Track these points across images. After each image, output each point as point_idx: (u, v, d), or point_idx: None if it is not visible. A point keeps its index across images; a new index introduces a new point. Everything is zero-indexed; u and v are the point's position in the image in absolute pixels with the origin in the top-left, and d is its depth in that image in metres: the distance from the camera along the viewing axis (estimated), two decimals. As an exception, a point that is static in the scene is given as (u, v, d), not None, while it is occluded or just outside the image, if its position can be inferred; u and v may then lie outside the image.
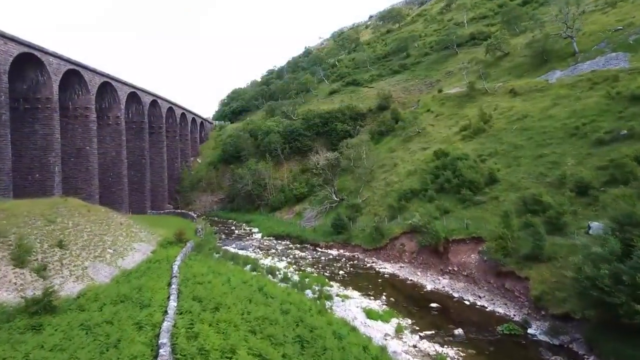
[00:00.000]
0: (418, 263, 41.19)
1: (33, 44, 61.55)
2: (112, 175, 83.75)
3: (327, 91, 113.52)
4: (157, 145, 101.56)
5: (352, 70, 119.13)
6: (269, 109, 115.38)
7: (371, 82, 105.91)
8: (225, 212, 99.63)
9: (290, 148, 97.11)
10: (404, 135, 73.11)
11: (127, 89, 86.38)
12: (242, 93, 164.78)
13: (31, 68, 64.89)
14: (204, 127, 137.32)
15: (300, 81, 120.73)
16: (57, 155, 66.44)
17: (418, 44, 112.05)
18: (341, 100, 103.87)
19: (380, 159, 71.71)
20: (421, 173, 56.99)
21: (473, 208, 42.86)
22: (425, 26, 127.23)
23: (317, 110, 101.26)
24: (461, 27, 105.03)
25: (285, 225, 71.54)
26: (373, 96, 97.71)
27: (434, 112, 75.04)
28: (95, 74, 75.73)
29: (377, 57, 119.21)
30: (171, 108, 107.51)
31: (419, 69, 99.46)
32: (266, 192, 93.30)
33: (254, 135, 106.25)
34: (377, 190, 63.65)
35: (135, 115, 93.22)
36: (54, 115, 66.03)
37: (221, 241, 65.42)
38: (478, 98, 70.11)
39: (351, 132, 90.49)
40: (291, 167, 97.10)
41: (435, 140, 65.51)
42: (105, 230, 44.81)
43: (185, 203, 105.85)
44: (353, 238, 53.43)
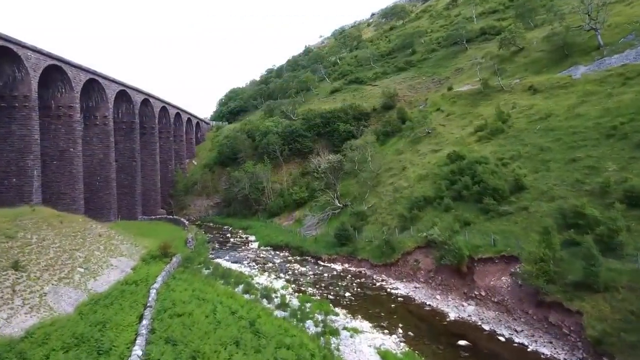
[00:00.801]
0: (436, 284, 35.72)
1: (8, 37, 56.16)
2: (99, 179, 78.35)
3: (329, 90, 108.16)
4: (149, 146, 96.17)
5: (354, 68, 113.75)
6: (268, 109, 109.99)
7: (375, 80, 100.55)
8: (221, 217, 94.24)
9: (290, 150, 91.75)
10: (412, 136, 67.68)
11: (116, 87, 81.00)
12: (240, 92, 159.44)
13: (7, 63, 59.52)
14: (200, 128, 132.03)
15: (301, 80, 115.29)
16: (36, 158, 61.05)
17: (424, 40, 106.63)
18: (343, 99, 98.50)
19: (387, 161, 66.30)
20: (434, 178, 51.56)
21: (498, 220, 37.39)
22: (431, 22, 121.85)
23: (318, 109, 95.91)
24: (470, 22, 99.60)
25: (284, 234, 66.10)
26: (377, 95, 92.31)
27: (444, 112, 69.62)
28: (80, 70, 70.35)
29: (380, 54, 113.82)
30: (165, 107, 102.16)
31: (426, 66, 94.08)
32: (264, 196, 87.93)
33: (252, 136, 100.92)
34: (384, 196, 58.21)
35: (125, 115, 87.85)
36: (32, 114, 60.67)
37: (214, 251, 60.09)
38: (493, 96, 64.71)
39: (354, 132, 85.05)
40: (291, 169, 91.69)
41: (447, 142, 60.09)
42: (78, 245, 39.38)
43: (179, 207, 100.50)
44: (359, 251, 47.97)
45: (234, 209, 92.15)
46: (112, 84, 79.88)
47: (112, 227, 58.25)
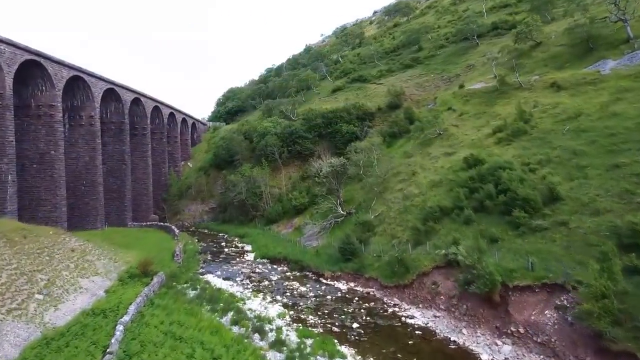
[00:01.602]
0: (461, 313, 30.27)
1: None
2: (85, 183, 73.05)
3: (330, 89, 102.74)
4: (140, 148, 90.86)
5: (357, 65, 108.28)
6: (266, 109, 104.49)
7: (380, 78, 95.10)
8: (217, 223, 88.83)
9: (289, 152, 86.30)
10: (422, 137, 62.30)
11: (104, 85, 75.64)
12: (239, 92, 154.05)
13: (-22, 58, 54.19)
14: (196, 129, 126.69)
15: (301, 78, 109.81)
16: (11, 161, 55.72)
17: (431, 36, 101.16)
18: (346, 98, 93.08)
19: (395, 165, 60.84)
20: (449, 185, 46.12)
21: (532, 237, 31.93)
22: (437, 18, 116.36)
23: (319, 109, 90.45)
24: (480, 17, 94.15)
25: (283, 244, 60.67)
26: (382, 93, 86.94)
27: (456, 111, 64.17)
28: (62, 66, 65.01)
29: (385, 51, 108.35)
30: (157, 107, 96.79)
31: (434, 63, 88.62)
32: (262, 201, 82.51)
33: (249, 138, 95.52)
34: (392, 204, 52.78)
35: (114, 115, 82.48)
36: (6, 114, 55.36)
37: (205, 265, 54.66)
38: (511, 94, 59.33)
39: (358, 133, 79.62)
40: (290, 173, 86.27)
41: (462, 144, 54.65)
42: (42, 264, 33.93)
43: (172, 212, 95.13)
44: (366, 268, 42.47)
45: (230, 215, 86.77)
46: (99, 82, 74.50)
47: (92, 238, 52.89)
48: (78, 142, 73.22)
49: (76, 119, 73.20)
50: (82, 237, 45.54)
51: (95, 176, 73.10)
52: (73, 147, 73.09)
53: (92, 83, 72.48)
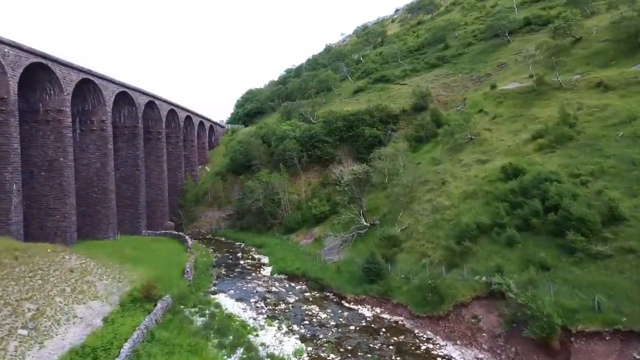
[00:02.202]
0: (509, 357, 25.77)
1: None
2: (96, 190, 70.20)
3: (352, 90, 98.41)
4: (155, 152, 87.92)
5: (380, 65, 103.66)
6: (285, 111, 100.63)
7: (403, 78, 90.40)
8: (234, 231, 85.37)
9: (309, 156, 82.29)
10: (452, 142, 57.68)
11: (115, 88, 72.70)
12: (257, 93, 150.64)
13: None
14: (213, 132, 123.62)
15: (321, 79, 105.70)
16: (16, 170, 52.91)
17: (458, 33, 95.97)
18: (368, 99, 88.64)
19: (422, 173, 56.27)
20: (486, 197, 41.48)
21: (592, 265, 27.25)
22: (463, 14, 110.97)
23: (340, 111, 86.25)
24: (511, 12, 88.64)
25: (302, 257, 56.71)
26: (407, 94, 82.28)
27: (488, 114, 59.29)
28: (71, 69, 62.13)
29: (408, 50, 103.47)
30: (173, 110, 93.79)
31: (461, 62, 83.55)
32: (280, 209, 78.77)
33: (267, 141, 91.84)
34: (420, 216, 48.33)
35: (127, 119, 79.62)
36: (10, 119, 52.55)
37: (218, 280, 51.04)
38: (550, 94, 54.33)
39: (382, 137, 75.20)
40: (310, 179, 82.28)
41: (497, 151, 49.87)
42: (32, 290, 30.47)
43: (189, 219, 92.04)
44: (394, 291, 38.10)
45: (247, 222, 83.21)
46: (111, 85, 71.58)
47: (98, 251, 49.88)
48: (89, 148, 70.44)
49: (87, 124, 70.42)
50: (85, 253, 42.16)
51: (107, 183, 70.15)
52: (84, 153, 70.38)
53: (103, 86, 69.58)
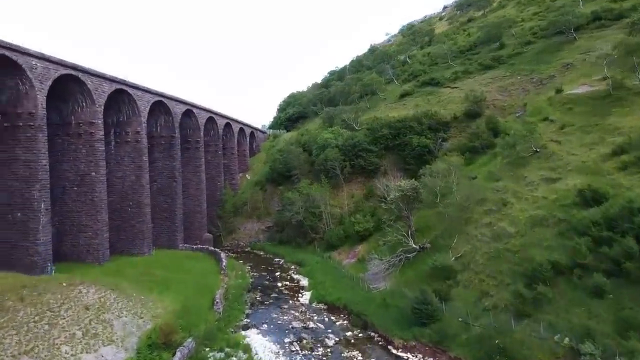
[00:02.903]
0: None
1: (3, 42, 45.72)
2: (131, 204, 67.64)
3: (398, 93, 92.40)
4: (193, 162, 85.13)
5: (428, 67, 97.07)
6: (327, 117, 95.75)
7: (454, 81, 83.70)
8: (273, 244, 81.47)
9: (352, 166, 77.18)
10: (513, 155, 51.01)
11: (150, 98, 70.05)
12: (300, 97, 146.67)
13: (8, 74, 49.32)
14: (254, 138, 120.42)
15: (365, 82, 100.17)
16: (44, 188, 50.56)
17: (515, 31, 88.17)
18: (416, 104, 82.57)
19: (478, 189, 49.99)
20: (559, 227, 35.19)
21: None
22: (519, 10, 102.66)
23: (385, 118, 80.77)
24: (576, 6, 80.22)
25: (343, 284, 51.69)
26: (458, 99, 75.73)
27: (555, 122, 52.40)
28: (102, 80, 59.65)
29: (459, 49, 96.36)
30: (211, 118, 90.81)
31: (520, 62, 76.03)
32: (321, 223, 74.11)
33: (308, 150, 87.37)
34: (479, 242, 42.35)
35: (164, 129, 77.00)
36: (38, 135, 50.25)
37: (252, 310, 46.80)
38: (631, 100, 47.19)
39: (431, 147, 69.10)
40: (353, 191, 77.17)
41: (568, 168, 43.16)
42: (36, 339, 26.84)
43: (227, 231, 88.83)
44: (449, 340, 32.47)
45: (287, 236, 79.05)
46: (146, 95, 68.95)
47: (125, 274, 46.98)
48: (124, 160, 68.05)
49: (122, 136, 68.04)
50: (106, 284, 38.69)
51: (142, 197, 67.50)
52: (119, 165, 68.07)
53: (138, 96, 66.95)
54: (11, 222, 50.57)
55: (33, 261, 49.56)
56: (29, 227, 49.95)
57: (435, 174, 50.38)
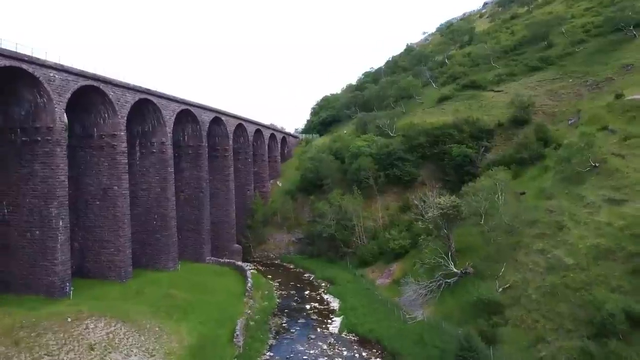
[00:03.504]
0: None
1: (18, 54, 43.68)
2: (156, 217, 65.32)
3: (436, 97, 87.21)
4: (221, 171, 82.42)
5: (468, 68, 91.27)
6: (360, 123, 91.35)
7: (498, 84, 77.90)
8: (303, 257, 77.92)
9: (386, 176, 72.84)
10: (567, 170, 45.49)
11: (176, 107, 67.57)
12: (333, 100, 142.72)
13: (26, 87, 47.42)
14: (286, 143, 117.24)
15: (400, 85, 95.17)
16: (62, 205, 48.43)
17: (565, 28, 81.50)
18: (455, 110, 77.25)
19: (527, 208, 44.87)
20: (632, 262, 30.01)
21: None
22: (568, 6, 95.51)
23: (422, 124, 75.96)
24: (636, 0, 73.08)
25: (376, 311, 47.53)
26: (503, 104, 70.24)
27: (616, 132, 46.62)
28: (125, 90, 57.36)
29: (502, 49, 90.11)
30: (241, 125, 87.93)
31: (571, 63, 69.76)
32: (354, 236, 70.02)
33: (340, 157, 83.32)
34: (530, 273, 37.39)
35: (191, 138, 74.54)
36: (56, 150, 48.11)
37: (276, 339, 43.15)
38: None
39: (473, 157, 63.90)
40: (387, 202, 72.73)
41: (636, 187, 37.55)
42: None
43: (257, 242, 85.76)
44: (500, 398, 27.86)
45: (318, 249, 75.26)
46: (171, 104, 66.48)
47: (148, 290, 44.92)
48: (149, 172, 65.80)
49: (147, 146, 65.80)
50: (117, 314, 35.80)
51: (167, 210, 65.04)
52: (144, 177, 65.90)
53: (163, 105, 64.51)
54: (30, 241, 48.73)
55: (51, 281, 47.56)
56: (47, 246, 47.91)
57: (479, 192, 45.33)
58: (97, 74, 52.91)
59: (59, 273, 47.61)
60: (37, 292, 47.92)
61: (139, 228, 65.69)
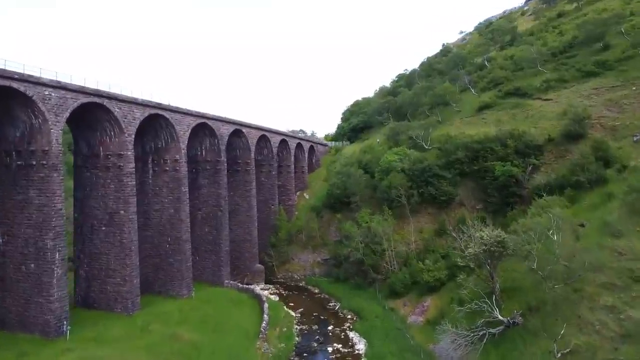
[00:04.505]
0: None
1: (6, 72, 39.44)
2: (169, 240, 60.80)
3: (475, 105, 79.52)
4: (242, 187, 77.54)
5: (511, 73, 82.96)
6: (392, 134, 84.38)
7: (546, 92, 69.71)
8: (329, 281, 72.17)
9: (420, 195, 66.08)
10: (639, 202, 37.84)
11: (191, 121, 62.83)
12: (364, 105, 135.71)
13: (20, 107, 43.28)
14: (314, 152, 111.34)
15: (436, 92, 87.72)
16: (58, 236, 44.14)
17: (624, 27, 72.54)
18: (498, 120, 69.80)
19: (588, 247, 37.48)
20: None
21: None
22: (625, 2, 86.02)
23: (460, 136, 68.86)
24: None
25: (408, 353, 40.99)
26: (552, 115, 62.42)
27: (700, 155, 38.52)
28: (133, 105, 52.89)
29: (550, 51, 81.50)
30: (264, 136, 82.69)
31: (634, 68, 61.04)
32: (384, 261, 63.58)
33: (370, 172, 76.93)
34: (597, 336, 30.32)
35: (209, 153, 69.82)
36: (52, 175, 43.85)
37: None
38: None
39: (519, 176, 56.46)
40: (421, 224, 65.98)
41: None
42: None
43: (280, 261, 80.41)
44: None
45: (345, 272, 69.20)
46: (186, 118, 61.75)
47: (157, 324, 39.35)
48: (162, 191, 61.37)
49: (160, 164, 61.37)
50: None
51: (181, 232, 60.36)
52: (157, 196, 61.54)
53: (176, 120, 59.81)
54: (25, 274, 44.65)
55: (46, 320, 43.41)
56: (42, 281, 43.82)
57: (531, 227, 38.22)
58: (100, 89, 48.50)
59: (54, 311, 43.34)
60: (32, 331, 43.86)
61: (152, 251, 61.48)
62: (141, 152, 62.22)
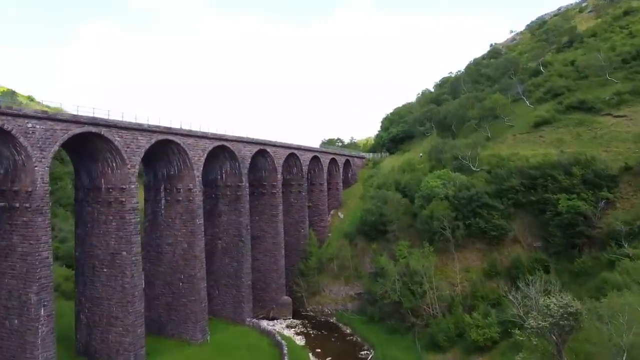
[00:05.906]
0: None
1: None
2: (182, 278, 54.77)
3: (531, 119, 69.50)
4: (268, 211, 70.86)
5: (573, 82, 72.40)
6: (434, 152, 75.25)
7: (618, 106, 59.37)
8: (362, 320, 64.60)
9: (467, 227, 57.23)
10: None
11: (207, 144, 56.54)
12: (405, 114, 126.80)
13: (2, 142, 37.88)
14: (350, 166, 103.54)
15: (485, 105, 77.95)
16: (43, 289, 38.62)
17: None
18: (558, 139, 60.11)
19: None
20: None
21: None
22: None
23: (513, 158, 59.63)
24: None
25: None
26: (627, 135, 52.48)
27: None
28: (136, 132, 46.92)
29: (619, 56, 70.47)
30: (293, 154, 75.63)
31: None
32: (424, 303, 55.25)
33: (409, 195, 68.62)
34: None
35: (229, 177, 63.49)
36: (36, 220, 38.35)
37: None
38: None
39: (588, 213, 46.91)
40: (468, 261, 57.24)
41: None
42: None
43: (311, 292, 73.25)
44: None
45: (380, 311, 61.29)
46: (201, 141, 55.52)
47: None
48: (175, 223, 55.47)
49: (173, 193, 55.46)
50: None
51: (195, 269, 54.23)
52: (170, 229, 55.73)
53: (189, 145, 53.63)
54: (9, 331, 39.31)
55: (30, 386, 37.83)
56: (25, 340, 38.23)
57: (612, 312, 29.25)
58: (97, 117, 42.75)
59: (39, 376, 37.80)
60: (16, 399, 38.73)
61: (164, 289, 55.80)
62: (153, 179, 56.75)
